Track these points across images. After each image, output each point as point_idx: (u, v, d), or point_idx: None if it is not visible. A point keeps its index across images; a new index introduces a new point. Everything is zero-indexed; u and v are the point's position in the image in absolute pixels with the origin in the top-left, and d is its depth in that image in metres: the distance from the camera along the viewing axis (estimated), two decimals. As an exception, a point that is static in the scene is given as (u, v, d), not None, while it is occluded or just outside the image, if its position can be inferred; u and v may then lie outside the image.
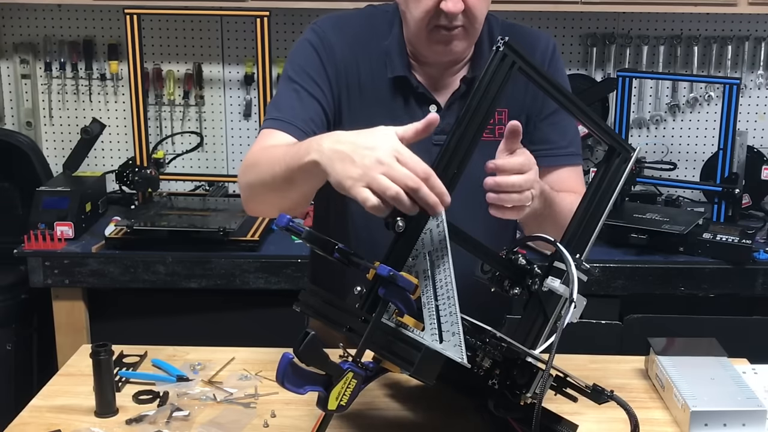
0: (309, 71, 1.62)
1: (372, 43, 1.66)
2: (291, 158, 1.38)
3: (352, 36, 1.66)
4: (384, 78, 1.64)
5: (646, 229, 2.61)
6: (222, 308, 2.65)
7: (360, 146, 1.24)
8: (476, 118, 1.30)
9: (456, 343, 1.21)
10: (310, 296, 1.30)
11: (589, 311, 1.39)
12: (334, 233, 1.51)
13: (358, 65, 1.65)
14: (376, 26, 1.68)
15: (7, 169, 3.03)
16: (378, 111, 1.62)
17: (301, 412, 1.48)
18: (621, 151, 1.44)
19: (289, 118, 1.57)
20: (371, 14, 1.71)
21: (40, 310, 2.77)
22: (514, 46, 1.31)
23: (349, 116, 1.64)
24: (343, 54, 1.64)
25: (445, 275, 1.23)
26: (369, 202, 1.20)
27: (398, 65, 1.64)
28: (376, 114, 1.60)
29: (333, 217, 1.76)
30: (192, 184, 3.17)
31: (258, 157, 1.52)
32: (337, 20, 1.69)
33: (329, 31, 1.66)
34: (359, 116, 1.63)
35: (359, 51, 1.65)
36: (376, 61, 1.65)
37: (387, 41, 1.66)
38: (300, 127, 1.56)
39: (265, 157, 1.50)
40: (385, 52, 1.65)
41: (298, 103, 1.60)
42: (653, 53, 3.13)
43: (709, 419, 1.43)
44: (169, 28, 3.13)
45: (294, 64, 1.65)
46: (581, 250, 1.41)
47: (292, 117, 1.57)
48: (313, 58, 1.64)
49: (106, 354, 1.48)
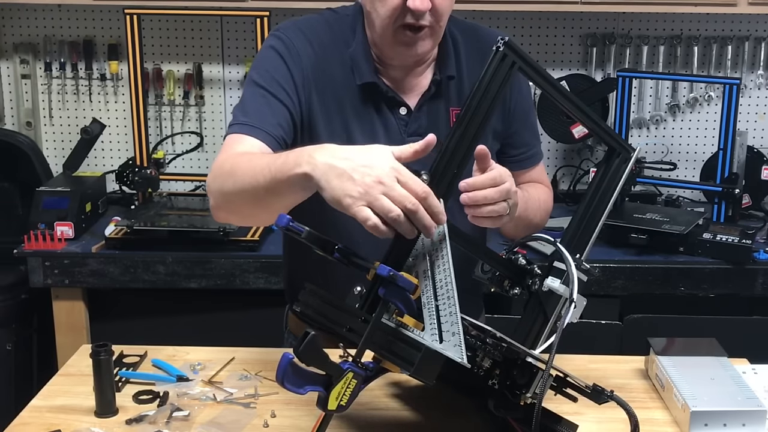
0: (276, 77, 1.58)
1: (337, 50, 1.63)
2: (277, 169, 1.32)
3: (317, 42, 1.63)
4: (352, 84, 1.62)
5: (646, 229, 2.61)
6: (222, 308, 2.65)
7: (359, 164, 1.21)
8: (476, 118, 1.30)
9: (456, 343, 1.21)
10: (310, 296, 1.30)
11: (589, 311, 1.40)
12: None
13: (327, 71, 1.62)
14: (338, 32, 1.65)
15: (7, 169, 3.03)
16: (351, 116, 1.62)
17: (301, 412, 1.48)
18: (621, 151, 1.44)
19: (257, 123, 1.53)
20: (332, 20, 1.67)
21: (40, 310, 2.77)
22: (514, 46, 1.31)
23: (324, 122, 1.61)
24: (310, 60, 1.61)
25: (445, 275, 1.23)
26: (370, 221, 1.19)
27: (365, 71, 1.62)
28: (350, 119, 1.61)
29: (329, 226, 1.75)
30: (192, 184, 3.16)
31: (235, 165, 1.44)
32: (300, 26, 1.65)
33: (294, 38, 1.62)
34: (334, 122, 1.61)
35: (326, 57, 1.62)
36: (342, 69, 1.62)
37: (351, 48, 1.63)
38: (269, 132, 1.53)
39: (244, 165, 1.42)
40: (350, 58, 1.62)
41: (267, 108, 1.56)
42: (653, 53, 3.13)
43: (709, 419, 1.43)
44: (169, 28, 3.13)
45: (260, 69, 1.60)
46: (581, 250, 1.41)
47: (261, 122, 1.53)
48: (279, 64, 1.59)
49: (106, 354, 1.48)
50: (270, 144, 1.51)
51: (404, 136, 1.62)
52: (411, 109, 1.65)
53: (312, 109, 1.61)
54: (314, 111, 1.61)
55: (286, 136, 1.55)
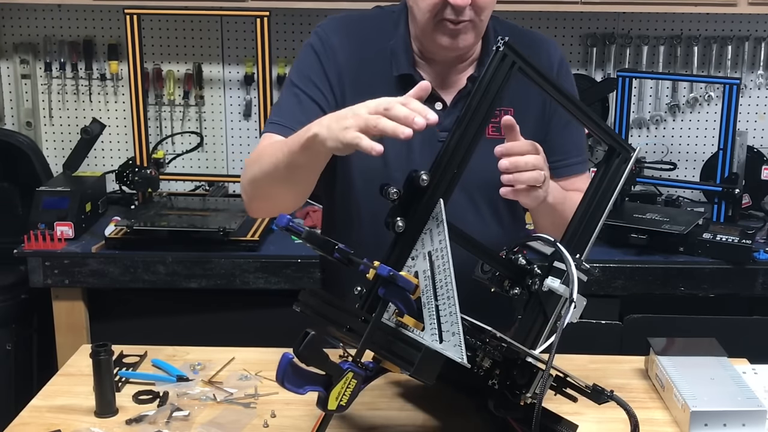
0: (311, 75, 1.66)
1: (377, 43, 1.67)
2: (293, 142, 1.44)
3: (355, 36, 1.68)
4: (389, 77, 1.65)
5: (646, 229, 2.61)
6: (222, 308, 2.65)
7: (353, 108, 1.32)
8: (476, 117, 1.30)
9: (456, 343, 1.21)
10: (310, 296, 1.30)
11: (589, 311, 1.40)
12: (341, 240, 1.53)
13: (362, 65, 1.66)
14: (381, 26, 1.69)
15: (7, 169, 3.03)
16: None
17: (301, 412, 1.48)
18: (621, 151, 1.44)
19: (287, 123, 1.61)
20: (377, 15, 1.73)
21: (40, 310, 2.77)
22: (514, 46, 1.31)
23: None
24: (345, 55, 1.66)
25: (445, 275, 1.23)
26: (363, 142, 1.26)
27: (403, 64, 1.65)
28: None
29: (340, 224, 1.77)
30: (192, 184, 3.17)
31: (260, 154, 1.59)
32: (341, 21, 1.71)
33: (331, 33, 1.68)
34: None
35: (363, 51, 1.66)
36: (381, 61, 1.66)
37: (393, 41, 1.67)
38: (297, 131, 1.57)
39: (266, 151, 1.56)
40: (390, 51, 1.66)
41: (298, 108, 1.63)
42: (653, 53, 3.13)
43: (709, 419, 1.43)
44: (169, 28, 3.13)
45: (297, 69, 1.69)
46: (581, 250, 1.41)
47: (292, 121, 1.60)
48: (314, 62, 1.66)
49: (106, 354, 1.48)
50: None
51: (436, 130, 1.62)
52: (447, 105, 1.67)
53: (347, 102, 1.63)
54: (349, 104, 1.62)
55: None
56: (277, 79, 3.10)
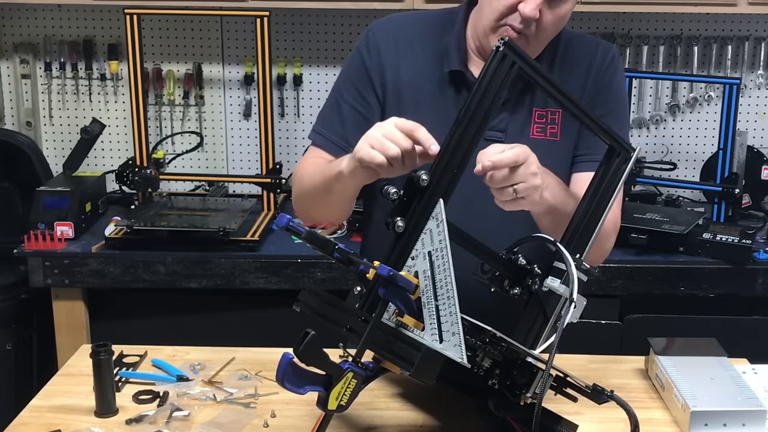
0: (353, 78, 1.71)
1: (427, 41, 1.69)
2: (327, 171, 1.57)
3: (402, 34, 1.70)
4: (438, 73, 1.67)
5: (646, 229, 2.61)
6: (222, 308, 2.65)
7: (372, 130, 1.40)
8: (476, 117, 1.30)
9: (456, 343, 1.21)
10: (310, 296, 1.30)
11: (589, 311, 1.40)
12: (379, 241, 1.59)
13: (408, 63, 1.68)
14: (433, 25, 1.71)
15: (7, 169, 3.03)
16: (428, 104, 1.66)
17: (301, 412, 1.48)
18: (621, 151, 1.44)
19: (328, 134, 1.71)
20: (431, 14, 1.76)
21: (40, 310, 2.77)
22: (514, 46, 1.31)
23: (398, 109, 1.67)
24: (390, 53, 1.69)
25: (445, 275, 1.23)
26: (377, 159, 1.35)
27: (454, 60, 1.66)
28: (427, 107, 1.65)
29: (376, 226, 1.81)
30: (192, 184, 3.16)
31: (302, 172, 1.70)
32: (390, 20, 1.75)
33: (378, 32, 1.71)
34: (408, 109, 1.66)
35: (410, 49, 1.69)
36: (430, 58, 1.68)
37: (447, 38, 1.68)
38: (333, 141, 1.70)
39: (307, 172, 1.68)
40: (444, 47, 1.68)
41: (338, 118, 1.71)
42: (653, 53, 3.13)
43: (709, 419, 1.43)
44: (169, 28, 3.13)
45: (343, 70, 1.75)
46: (581, 250, 1.41)
47: (331, 133, 1.71)
48: (358, 63, 1.71)
49: (106, 354, 1.48)
50: (332, 151, 1.69)
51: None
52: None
53: (387, 100, 1.69)
54: (391, 100, 1.69)
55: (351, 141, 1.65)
56: (277, 79, 3.10)
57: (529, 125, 1.66)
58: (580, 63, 1.67)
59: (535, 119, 1.67)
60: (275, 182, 2.83)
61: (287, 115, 3.16)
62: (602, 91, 1.68)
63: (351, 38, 3.13)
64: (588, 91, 1.67)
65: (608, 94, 1.69)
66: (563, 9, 1.57)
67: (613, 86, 1.70)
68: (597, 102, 1.66)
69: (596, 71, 1.68)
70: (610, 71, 1.70)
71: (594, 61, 1.68)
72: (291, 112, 3.16)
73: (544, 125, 1.66)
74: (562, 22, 1.60)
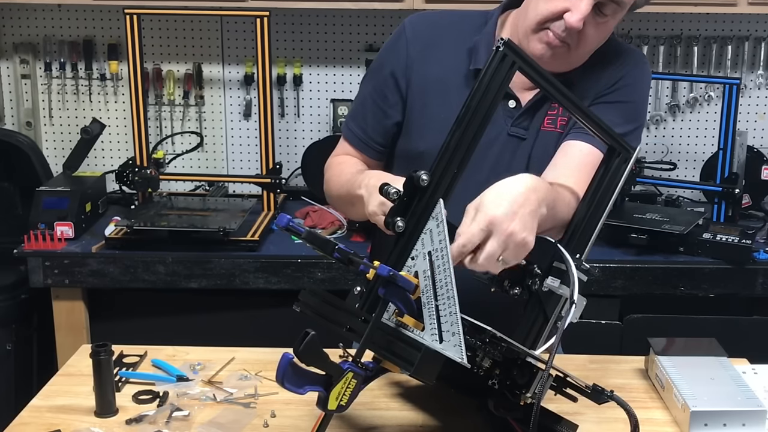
0: (379, 71, 1.74)
1: (455, 39, 1.70)
2: (350, 184, 1.60)
3: (433, 30, 1.71)
4: (465, 70, 1.67)
5: (646, 229, 2.61)
6: (222, 308, 2.66)
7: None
8: (476, 117, 1.30)
9: (456, 343, 1.21)
10: (310, 296, 1.30)
11: (589, 311, 1.39)
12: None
13: (435, 58, 1.69)
14: (466, 23, 1.72)
15: (7, 169, 3.03)
16: (454, 100, 1.60)
17: (301, 412, 1.48)
18: (621, 151, 1.44)
19: (355, 129, 1.76)
20: (468, 14, 1.76)
21: (40, 310, 2.77)
22: (514, 46, 1.31)
23: (422, 105, 1.69)
24: (418, 47, 1.70)
25: (445, 275, 1.23)
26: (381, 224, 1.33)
27: (482, 59, 1.65)
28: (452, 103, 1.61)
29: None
30: (192, 184, 3.17)
31: (331, 171, 1.77)
32: (423, 15, 1.77)
33: (409, 27, 1.73)
34: (433, 104, 1.68)
35: (438, 44, 1.69)
36: (457, 55, 1.68)
37: (478, 36, 1.69)
38: (360, 138, 1.76)
39: (334, 172, 1.75)
40: (473, 45, 1.68)
41: (361, 114, 1.76)
42: (653, 53, 3.13)
43: (709, 419, 1.43)
44: (169, 28, 3.13)
45: (373, 63, 1.79)
46: (581, 250, 1.41)
47: (356, 128, 1.76)
48: (385, 57, 1.74)
49: (106, 354, 1.48)
50: (356, 145, 1.76)
51: (508, 125, 1.66)
52: (521, 104, 1.67)
53: (411, 93, 1.71)
54: (415, 94, 1.71)
55: (371, 134, 1.76)
56: (277, 79, 3.10)
57: (543, 118, 1.67)
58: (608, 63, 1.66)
59: (548, 111, 1.67)
60: (275, 182, 2.83)
61: (287, 115, 3.16)
62: (621, 88, 1.67)
63: (351, 38, 3.13)
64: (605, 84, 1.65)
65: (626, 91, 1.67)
66: (608, 24, 1.57)
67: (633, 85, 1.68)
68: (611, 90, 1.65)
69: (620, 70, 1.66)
70: (635, 73, 1.69)
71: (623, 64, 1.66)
72: (291, 112, 3.16)
73: (555, 117, 1.67)
74: (604, 36, 1.60)
